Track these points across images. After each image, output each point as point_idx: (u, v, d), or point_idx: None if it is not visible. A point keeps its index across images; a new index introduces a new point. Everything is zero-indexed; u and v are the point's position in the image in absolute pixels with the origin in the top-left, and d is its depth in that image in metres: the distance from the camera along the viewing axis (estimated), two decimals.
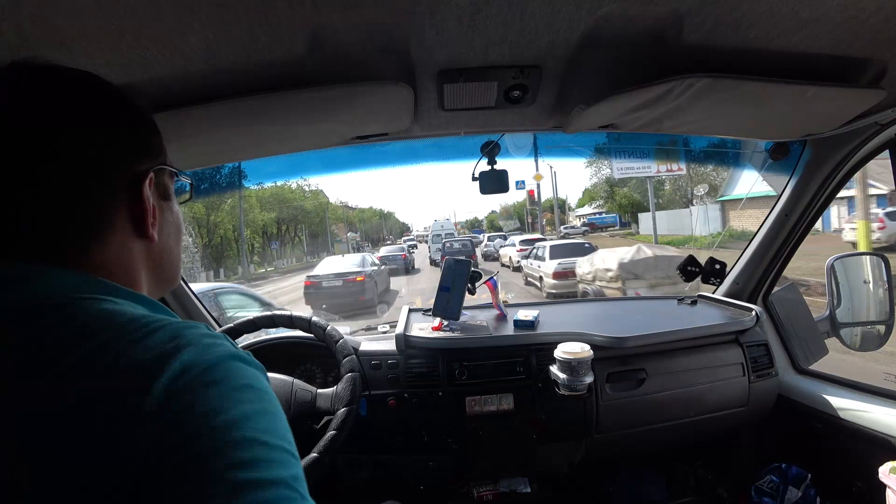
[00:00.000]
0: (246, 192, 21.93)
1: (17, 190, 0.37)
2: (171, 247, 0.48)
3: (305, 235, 33.24)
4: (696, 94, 0.80)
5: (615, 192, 28.45)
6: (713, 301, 1.53)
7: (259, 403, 0.34)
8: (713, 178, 21.03)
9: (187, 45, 0.62)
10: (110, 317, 0.36)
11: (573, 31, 0.68)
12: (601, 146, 15.00)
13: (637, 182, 24.13)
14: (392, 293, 11.90)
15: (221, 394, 0.33)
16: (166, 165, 0.47)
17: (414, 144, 1.27)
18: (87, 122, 0.40)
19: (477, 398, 1.17)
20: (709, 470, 1.49)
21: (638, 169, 17.36)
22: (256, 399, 0.34)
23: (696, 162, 16.78)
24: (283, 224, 29.56)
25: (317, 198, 32.49)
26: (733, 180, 18.50)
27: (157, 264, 0.46)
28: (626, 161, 17.04)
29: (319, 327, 1.09)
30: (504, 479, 1.38)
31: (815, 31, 0.68)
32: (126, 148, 0.42)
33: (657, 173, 18.15)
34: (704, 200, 21.10)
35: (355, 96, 0.80)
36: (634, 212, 27.26)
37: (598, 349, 1.12)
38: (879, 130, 1.03)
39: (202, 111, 0.76)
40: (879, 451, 1.02)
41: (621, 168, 17.53)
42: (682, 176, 20.81)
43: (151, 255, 0.45)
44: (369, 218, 59.02)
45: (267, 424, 0.34)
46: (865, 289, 1.35)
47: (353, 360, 1.03)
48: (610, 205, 30.40)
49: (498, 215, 56.84)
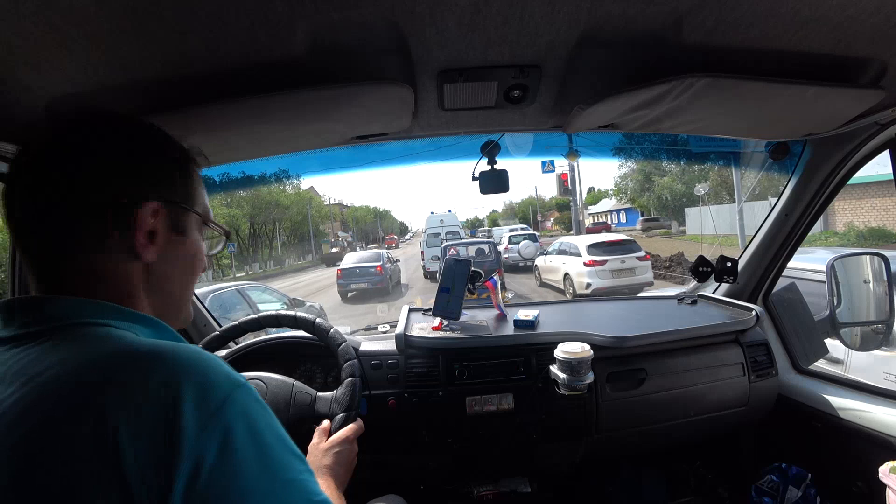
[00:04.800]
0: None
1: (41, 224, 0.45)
2: (175, 276, 0.52)
3: (279, 235, 29.91)
4: (696, 94, 0.80)
5: (655, 183, 23.44)
6: (713, 301, 1.53)
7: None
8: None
9: (187, 45, 0.62)
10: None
11: (573, 30, 0.68)
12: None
13: (680, 170, 20.43)
14: (402, 285, 13.28)
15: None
16: (184, 205, 0.52)
17: (414, 144, 1.27)
18: (87, 156, 0.46)
19: (477, 398, 1.17)
20: (709, 469, 1.49)
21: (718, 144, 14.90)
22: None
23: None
24: (256, 223, 26.85)
25: (300, 193, 29.99)
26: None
27: (156, 287, 0.50)
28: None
29: (323, 329, 1.09)
30: (504, 479, 1.38)
31: (814, 30, 0.68)
32: (121, 179, 0.47)
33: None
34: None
35: (355, 96, 0.80)
36: (678, 207, 22.32)
37: (598, 349, 1.12)
38: (879, 130, 1.04)
39: (202, 111, 0.76)
40: (879, 451, 1.02)
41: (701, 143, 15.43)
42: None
43: (150, 277, 0.49)
44: (363, 217, 57.08)
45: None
46: (865, 288, 1.35)
47: (355, 364, 1.03)
48: (646, 198, 24.84)
49: (500, 214, 56.48)
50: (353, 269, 12.07)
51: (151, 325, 0.47)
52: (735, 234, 11.54)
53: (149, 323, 0.47)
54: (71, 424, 0.34)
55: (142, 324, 0.46)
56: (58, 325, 0.42)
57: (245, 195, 24.27)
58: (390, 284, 12.28)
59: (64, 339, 0.40)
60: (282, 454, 0.39)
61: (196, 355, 0.40)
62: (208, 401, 0.36)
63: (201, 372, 0.38)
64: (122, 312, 0.45)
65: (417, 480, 1.32)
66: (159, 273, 0.49)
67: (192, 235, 0.53)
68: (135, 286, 0.48)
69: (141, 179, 0.48)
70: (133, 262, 0.47)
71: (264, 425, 0.39)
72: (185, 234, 0.52)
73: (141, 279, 0.48)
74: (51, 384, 0.36)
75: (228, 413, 0.37)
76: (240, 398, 0.38)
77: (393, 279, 12.80)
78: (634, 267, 8.44)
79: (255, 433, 0.38)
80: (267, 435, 0.39)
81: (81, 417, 0.34)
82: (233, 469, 0.35)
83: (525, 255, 13.11)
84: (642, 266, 8.54)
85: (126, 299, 0.47)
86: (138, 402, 0.35)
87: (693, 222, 19.58)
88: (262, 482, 0.37)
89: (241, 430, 0.37)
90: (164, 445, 0.34)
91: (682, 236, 19.01)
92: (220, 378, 0.39)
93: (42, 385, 0.36)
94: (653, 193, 23.76)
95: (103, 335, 0.41)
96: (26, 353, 0.39)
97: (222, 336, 1.13)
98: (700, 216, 16.87)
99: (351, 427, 0.90)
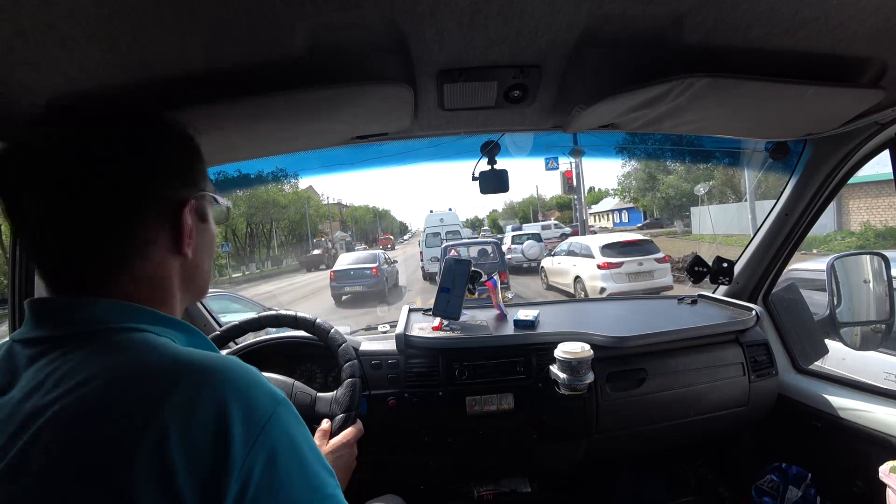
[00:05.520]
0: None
1: (70, 222, 0.42)
2: (204, 262, 0.53)
3: (276, 234, 29.77)
4: (696, 94, 0.79)
5: (659, 182, 22.68)
6: (713, 301, 1.53)
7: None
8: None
9: (187, 45, 0.62)
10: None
11: (573, 30, 0.68)
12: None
13: (686, 169, 19.75)
14: (400, 287, 12.62)
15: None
16: (206, 192, 0.51)
17: (414, 144, 1.27)
18: (137, 156, 0.44)
19: (477, 398, 1.17)
20: (709, 469, 1.49)
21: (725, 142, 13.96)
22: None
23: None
24: (253, 223, 26.51)
25: (298, 193, 29.32)
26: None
27: (189, 278, 0.50)
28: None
29: (323, 330, 1.09)
30: (504, 479, 1.38)
31: (815, 30, 0.68)
32: (170, 179, 0.47)
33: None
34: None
35: (355, 96, 0.80)
36: (682, 206, 21.66)
37: (598, 349, 1.12)
38: (879, 130, 1.04)
39: (202, 111, 0.76)
40: (879, 451, 1.02)
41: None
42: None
43: (185, 270, 0.49)
44: (362, 216, 56.58)
45: None
46: (865, 288, 1.35)
47: (355, 364, 1.03)
48: (650, 197, 24.20)
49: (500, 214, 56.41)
50: (347, 271, 11.55)
51: (185, 331, 0.47)
52: (746, 234, 10.21)
53: (182, 328, 0.47)
54: (130, 440, 0.33)
55: (176, 329, 0.46)
56: (93, 329, 0.41)
57: (242, 194, 23.68)
58: (387, 287, 11.78)
59: (105, 345, 0.40)
60: (319, 469, 0.40)
61: (242, 371, 0.40)
62: (255, 418, 0.37)
63: (246, 388, 0.38)
64: (157, 317, 0.45)
65: (417, 480, 1.32)
66: (193, 265, 0.50)
67: (211, 220, 0.54)
68: (173, 283, 0.48)
69: (182, 177, 0.48)
70: (173, 260, 0.47)
71: (302, 440, 0.40)
72: (208, 220, 0.53)
73: (179, 275, 0.48)
74: (101, 395, 0.35)
75: (273, 430, 0.37)
76: (282, 415, 0.39)
77: (390, 281, 12.34)
78: (653, 269, 7.67)
79: (296, 449, 0.39)
80: (305, 450, 0.40)
81: (142, 433, 0.34)
82: (278, 485, 0.36)
83: (529, 255, 12.41)
84: (661, 268, 7.76)
85: (164, 298, 0.47)
86: (191, 419, 0.35)
87: (699, 222, 18.83)
88: (304, 496, 0.38)
89: (284, 447, 0.38)
90: (214, 463, 0.34)
91: (686, 236, 18.40)
92: (265, 394, 0.39)
93: (92, 395, 0.35)
94: (657, 192, 23.08)
95: (145, 342, 0.41)
96: (66, 359, 0.38)
97: (222, 336, 1.13)
98: (709, 214, 16.30)
99: (351, 430, 0.90)
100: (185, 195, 0.47)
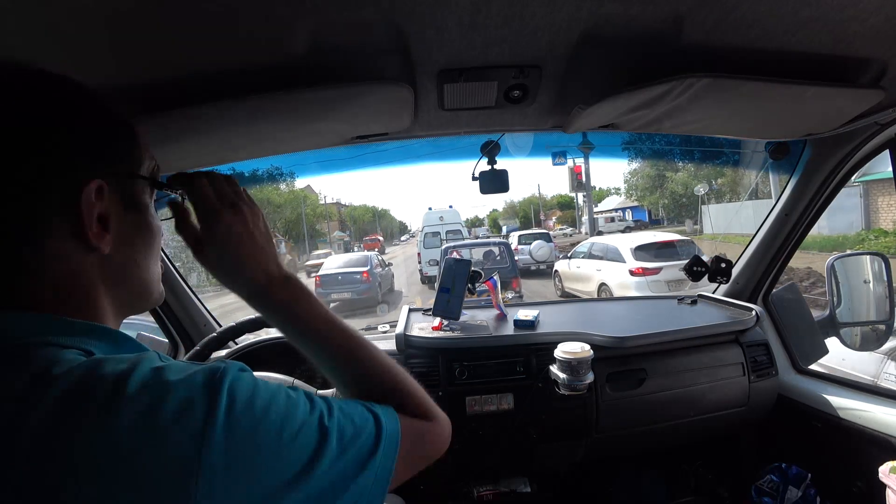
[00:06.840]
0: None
1: None
2: (138, 261, 0.44)
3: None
4: (696, 94, 0.79)
5: (668, 180, 21.91)
6: (713, 301, 1.54)
7: None
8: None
9: (187, 45, 0.62)
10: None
11: (573, 30, 0.68)
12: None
13: (695, 166, 18.79)
14: (395, 293, 11.48)
15: None
16: (137, 176, 0.44)
17: (413, 144, 1.27)
18: (25, 128, 0.36)
19: (477, 398, 1.17)
20: (709, 469, 1.49)
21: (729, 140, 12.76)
22: None
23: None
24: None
25: (294, 192, 28.34)
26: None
27: (117, 279, 0.42)
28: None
29: None
30: (504, 479, 1.38)
31: (815, 30, 0.68)
32: (74, 157, 0.39)
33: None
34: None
35: (355, 96, 0.80)
36: (691, 204, 20.64)
37: (598, 349, 1.12)
38: (879, 130, 1.04)
39: (202, 111, 0.76)
40: (879, 451, 1.02)
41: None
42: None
43: (109, 269, 0.41)
44: (361, 216, 55.35)
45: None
46: (865, 289, 1.35)
47: None
48: (657, 195, 23.34)
49: (501, 214, 56.35)
50: (335, 276, 10.14)
51: (107, 338, 0.39)
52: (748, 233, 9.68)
53: (104, 335, 0.39)
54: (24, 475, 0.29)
55: (95, 336, 0.38)
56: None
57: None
58: (380, 293, 10.30)
59: (6, 365, 0.33)
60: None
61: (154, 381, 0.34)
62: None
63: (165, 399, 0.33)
64: (70, 325, 0.37)
65: (417, 480, 1.32)
66: (118, 263, 0.41)
67: (148, 207, 0.45)
68: (90, 284, 0.40)
69: (91, 155, 0.40)
70: (87, 256, 0.39)
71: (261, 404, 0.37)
72: (141, 209, 0.44)
73: (98, 274, 0.40)
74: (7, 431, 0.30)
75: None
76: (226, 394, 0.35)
77: (384, 286, 10.87)
78: None
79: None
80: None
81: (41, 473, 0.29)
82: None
83: (538, 257, 11.40)
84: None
85: (81, 303, 0.39)
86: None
87: (712, 221, 17.82)
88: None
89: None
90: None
91: (696, 235, 17.39)
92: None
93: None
94: (666, 190, 22.30)
95: (47, 360, 0.33)
96: None
97: (222, 336, 1.13)
98: (722, 213, 15.65)
99: None
100: (90, 175, 0.38)
